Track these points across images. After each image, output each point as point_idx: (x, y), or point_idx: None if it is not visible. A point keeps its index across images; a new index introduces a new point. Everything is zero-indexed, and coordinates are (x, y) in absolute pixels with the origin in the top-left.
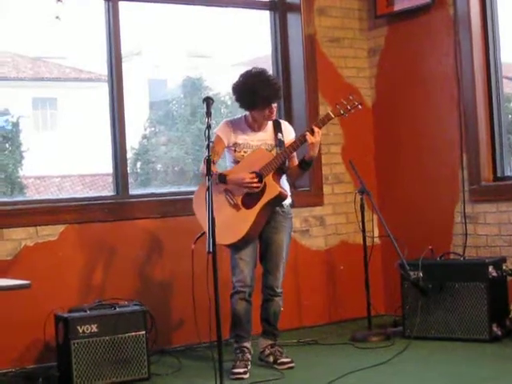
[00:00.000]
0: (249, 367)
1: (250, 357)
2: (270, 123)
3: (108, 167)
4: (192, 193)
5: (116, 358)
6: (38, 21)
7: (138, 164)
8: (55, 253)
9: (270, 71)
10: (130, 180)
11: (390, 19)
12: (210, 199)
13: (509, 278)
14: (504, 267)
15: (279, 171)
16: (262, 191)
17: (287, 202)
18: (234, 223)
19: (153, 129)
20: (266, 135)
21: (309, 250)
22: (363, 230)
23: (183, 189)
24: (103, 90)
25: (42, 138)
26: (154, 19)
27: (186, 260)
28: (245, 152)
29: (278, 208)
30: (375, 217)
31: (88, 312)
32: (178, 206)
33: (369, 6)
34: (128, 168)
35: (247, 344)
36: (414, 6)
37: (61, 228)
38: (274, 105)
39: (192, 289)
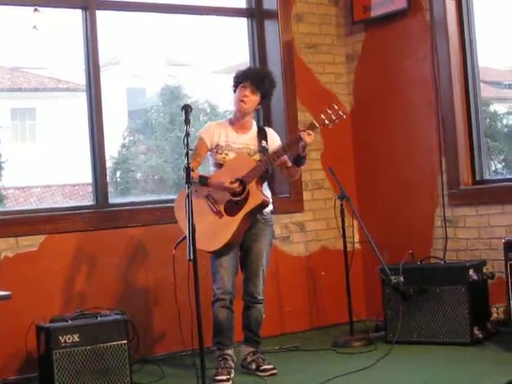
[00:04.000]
0: (231, 374)
1: (232, 364)
2: (255, 129)
3: (88, 177)
4: (172, 201)
5: (98, 368)
6: (16, 31)
7: (118, 173)
8: (36, 263)
9: None
10: (110, 189)
11: (367, 25)
12: (189, 207)
13: (489, 281)
14: (484, 270)
15: (262, 179)
16: (245, 199)
17: (268, 209)
18: (217, 230)
19: (132, 138)
20: (248, 139)
21: (289, 256)
22: (343, 236)
23: (163, 197)
24: (82, 99)
25: (21, 149)
26: (132, 28)
27: (168, 268)
28: (226, 154)
29: (258, 215)
30: (355, 222)
31: (69, 322)
32: (158, 214)
33: (346, 12)
34: (107, 177)
35: (230, 351)
36: (391, 11)
37: (41, 238)
38: (247, 90)
39: (174, 297)
